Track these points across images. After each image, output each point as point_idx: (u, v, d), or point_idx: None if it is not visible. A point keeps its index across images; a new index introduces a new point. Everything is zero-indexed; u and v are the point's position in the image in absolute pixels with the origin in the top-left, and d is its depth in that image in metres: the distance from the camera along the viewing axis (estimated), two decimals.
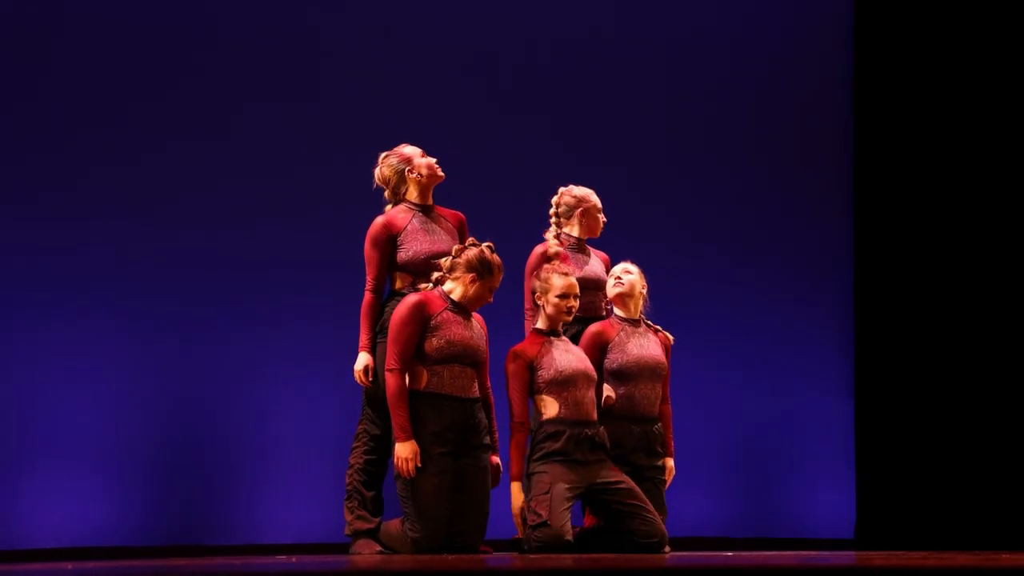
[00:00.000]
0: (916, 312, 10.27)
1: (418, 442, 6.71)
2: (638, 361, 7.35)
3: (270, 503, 8.24)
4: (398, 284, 7.04)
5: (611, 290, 7.39)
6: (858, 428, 10.26)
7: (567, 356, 7.13)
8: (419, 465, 6.71)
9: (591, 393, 7.19)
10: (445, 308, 6.84)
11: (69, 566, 6.25)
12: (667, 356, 7.49)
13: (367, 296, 7.01)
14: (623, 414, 7.32)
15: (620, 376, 7.33)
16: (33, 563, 7.52)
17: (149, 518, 8.42)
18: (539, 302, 7.16)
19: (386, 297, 7.06)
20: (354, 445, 7.04)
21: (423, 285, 6.95)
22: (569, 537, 7.02)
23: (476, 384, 6.97)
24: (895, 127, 10.45)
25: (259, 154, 9.11)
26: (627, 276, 7.40)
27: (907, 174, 10.39)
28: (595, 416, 7.21)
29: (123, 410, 8.58)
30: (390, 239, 7.01)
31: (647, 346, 7.45)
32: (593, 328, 7.32)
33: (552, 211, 7.65)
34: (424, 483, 6.77)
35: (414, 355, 6.79)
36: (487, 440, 7.06)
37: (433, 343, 6.80)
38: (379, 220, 7.08)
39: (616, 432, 7.30)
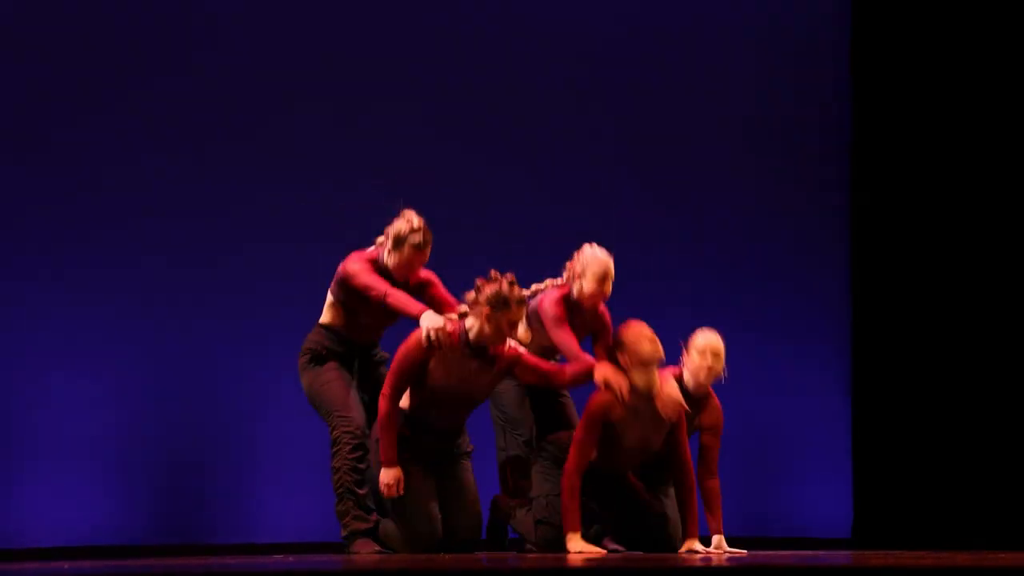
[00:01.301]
0: (913, 310, 10.28)
1: (400, 449, 6.78)
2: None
3: (269, 502, 8.27)
4: (331, 316, 7.17)
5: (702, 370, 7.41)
6: (855, 427, 10.30)
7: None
8: (401, 492, 6.74)
9: None
10: (453, 348, 6.81)
11: (66, 565, 6.29)
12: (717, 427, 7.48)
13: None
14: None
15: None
16: (30, 562, 7.56)
17: (147, 517, 8.48)
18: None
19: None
20: (335, 449, 7.05)
21: (450, 315, 6.91)
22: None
23: (465, 414, 7.00)
24: (893, 125, 10.46)
25: (257, 155, 9.09)
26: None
27: (905, 172, 10.41)
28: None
29: (121, 409, 8.64)
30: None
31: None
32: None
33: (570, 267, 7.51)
34: (406, 491, 6.83)
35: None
36: (468, 449, 7.10)
37: (428, 382, 6.80)
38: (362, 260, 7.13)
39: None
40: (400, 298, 6.86)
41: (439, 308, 6.97)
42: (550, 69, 9.89)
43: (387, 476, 6.74)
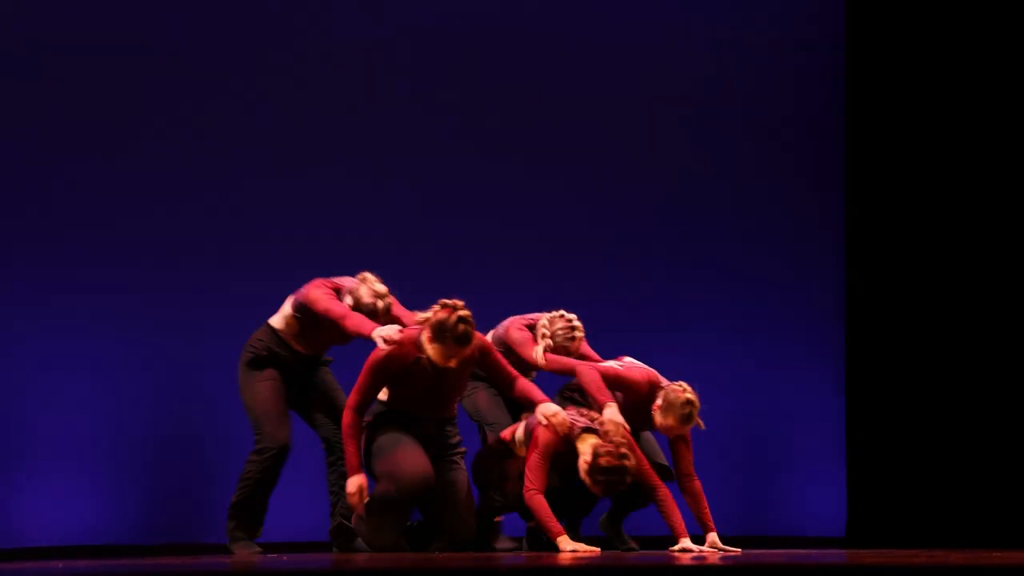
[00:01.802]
0: (907, 309, 10.30)
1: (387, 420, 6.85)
2: None
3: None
4: (285, 324, 7.24)
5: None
6: (849, 426, 10.32)
7: None
8: (366, 499, 6.76)
9: None
10: (415, 361, 6.79)
11: (60, 564, 6.37)
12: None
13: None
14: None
15: None
16: (24, 561, 7.61)
17: (142, 517, 8.51)
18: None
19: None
20: (253, 458, 7.18)
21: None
22: None
23: (446, 406, 6.99)
24: (887, 127, 10.46)
25: (257, 155, 9.10)
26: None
27: (898, 172, 10.42)
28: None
29: (116, 408, 8.65)
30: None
31: None
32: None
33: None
34: (382, 437, 6.85)
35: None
36: (460, 448, 7.09)
37: (393, 393, 6.84)
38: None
39: None
40: (356, 321, 6.89)
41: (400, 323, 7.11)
42: (541, 74, 9.90)
43: (351, 485, 6.74)
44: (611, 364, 7.37)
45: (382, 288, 7.24)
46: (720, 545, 7.26)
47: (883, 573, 5.96)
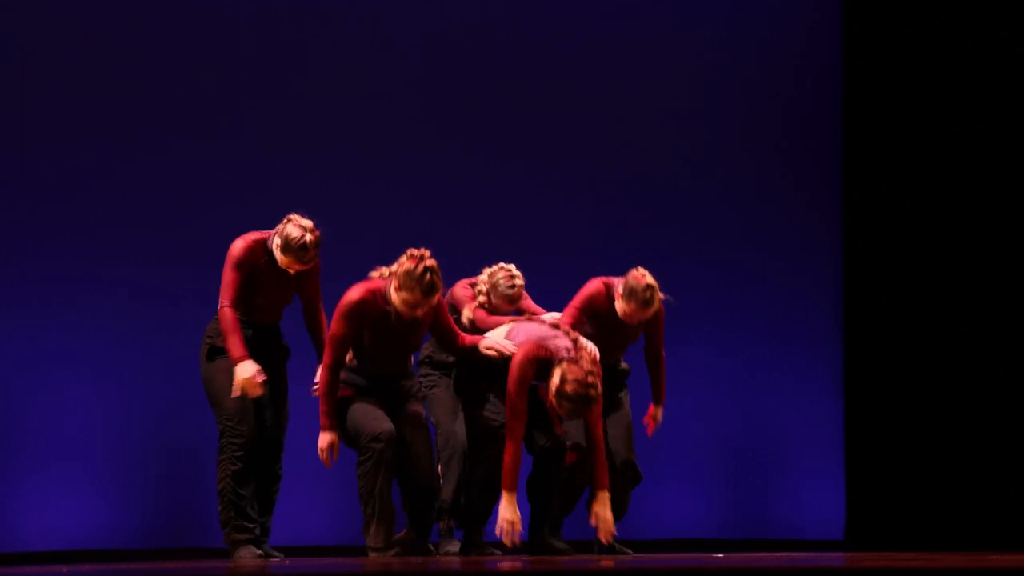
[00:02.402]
0: (905, 313, 10.32)
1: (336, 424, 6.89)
2: None
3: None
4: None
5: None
6: (848, 429, 10.36)
7: None
8: (336, 458, 6.85)
9: None
10: (382, 315, 6.86)
11: (64, 569, 6.39)
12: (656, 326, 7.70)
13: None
14: None
15: None
16: (28, 566, 7.66)
17: (145, 521, 8.50)
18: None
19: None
20: (220, 457, 7.17)
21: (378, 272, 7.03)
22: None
23: (406, 360, 7.07)
24: (884, 127, 10.47)
25: (253, 154, 9.10)
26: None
27: (896, 177, 10.43)
28: None
29: (118, 412, 8.64)
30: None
31: None
32: None
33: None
34: (354, 406, 6.91)
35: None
36: (420, 394, 7.21)
37: (362, 343, 6.88)
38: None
39: None
40: (227, 322, 6.93)
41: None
42: (535, 71, 9.89)
43: (323, 440, 6.82)
44: (553, 314, 7.52)
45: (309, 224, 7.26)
46: (660, 419, 7.66)
47: (889, 575, 5.93)
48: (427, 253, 6.76)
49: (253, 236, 7.13)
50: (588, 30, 10.12)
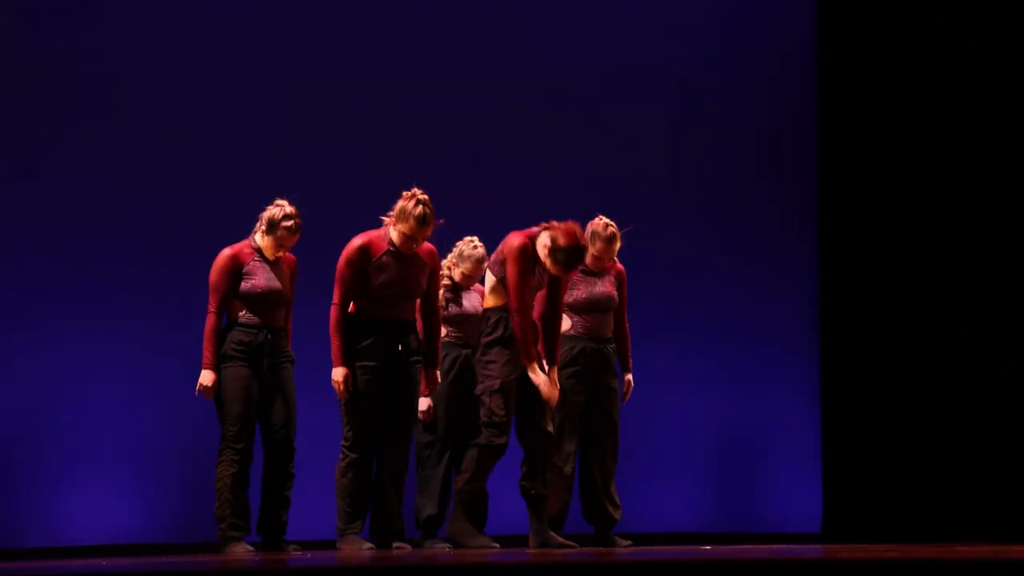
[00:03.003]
0: (877, 318, 10.32)
1: (348, 359, 7.21)
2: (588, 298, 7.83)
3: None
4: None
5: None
6: (824, 430, 10.36)
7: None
8: (351, 388, 7.16)
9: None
10: (385, 251, 7.22)
11: (103, 562, 6.67)
12: (622, 288, 7.91)
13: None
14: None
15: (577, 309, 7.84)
16: (70, 559, 7.65)
17: (178, 517, 8.47)
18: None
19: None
20: (220, 458, 7.35)
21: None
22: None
23: (409, 308, 7.37)
24: (859, 136, 10.44)
25: (247, 159, 9.08)
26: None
27: (869, 185, 10.40)
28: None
29: (155, 414, 8.61)
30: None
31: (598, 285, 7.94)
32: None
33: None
34: (352, 396, 7.22)
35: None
36: (416, 357, 7.41)
37: (371, 282, 7.20)
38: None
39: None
40: (208, 330, 7.29)
41: None
42: (522, 91, 9.84)
43: (337, 374, 7.19)
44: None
45: (291, 208, 7.54)
46: (632, 384, 7.87)
47: (858, 566, 6.02)
48: (419, 190, 7.23)
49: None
50: (569, 46, 10.04)
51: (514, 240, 7.32)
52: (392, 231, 7.25)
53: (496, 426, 7.33)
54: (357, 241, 7.28)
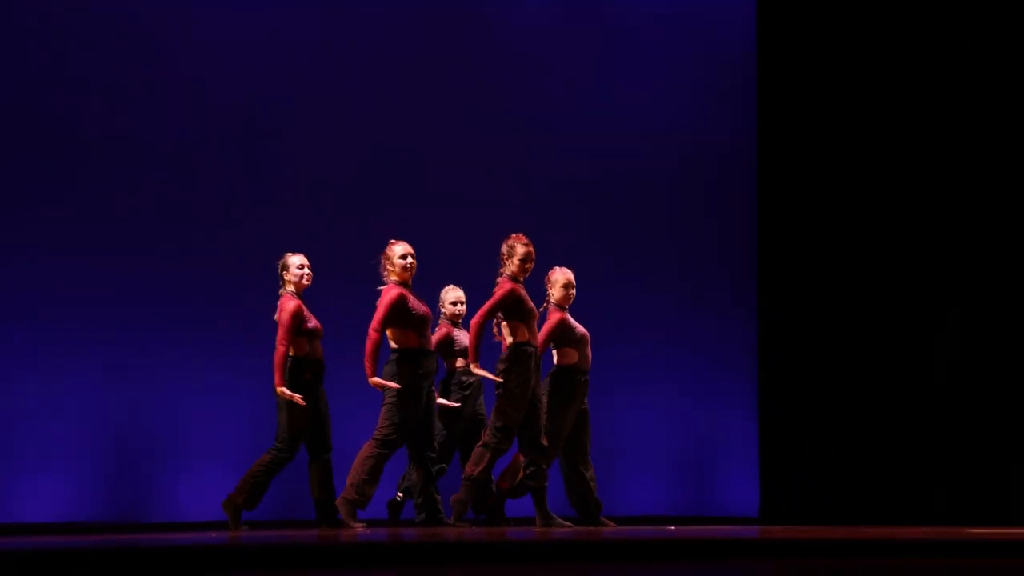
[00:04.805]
0: (810, 352, 10.69)
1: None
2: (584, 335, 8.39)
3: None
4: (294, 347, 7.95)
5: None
6: (761, 440, 10.88)
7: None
8: (393, 385, 7.80)
9: None
10: (408, 293, 7.95)
11: (213, 534, 7.31)
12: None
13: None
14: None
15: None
16: (187, 532, 8.12)
17: (275, 499, 8.53)
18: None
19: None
20: (270, 459, 7.88)
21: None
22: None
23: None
24: (795, 175, 10.71)
25: (233, 191, 9.43)
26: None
27: (805, 226, 10.68)
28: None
29: (248, 410, 8.99)
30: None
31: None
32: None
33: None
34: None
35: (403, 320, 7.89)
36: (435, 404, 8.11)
37: (411, 313, 7.89)
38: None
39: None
40: (278, 362, 7.76)
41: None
42: (489, 160, 10.17)
43: (374, 381, 7.80)
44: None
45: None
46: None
47: (787, 544, 6.67)
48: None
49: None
50: (538, 124, 10.39)
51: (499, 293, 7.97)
52: (392, 275, 7.96)
53: (502, 430, 7.94)
54: (392, 292, 7.85)
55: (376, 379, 7.86)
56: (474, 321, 7.95)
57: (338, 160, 9.83)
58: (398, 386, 7.88)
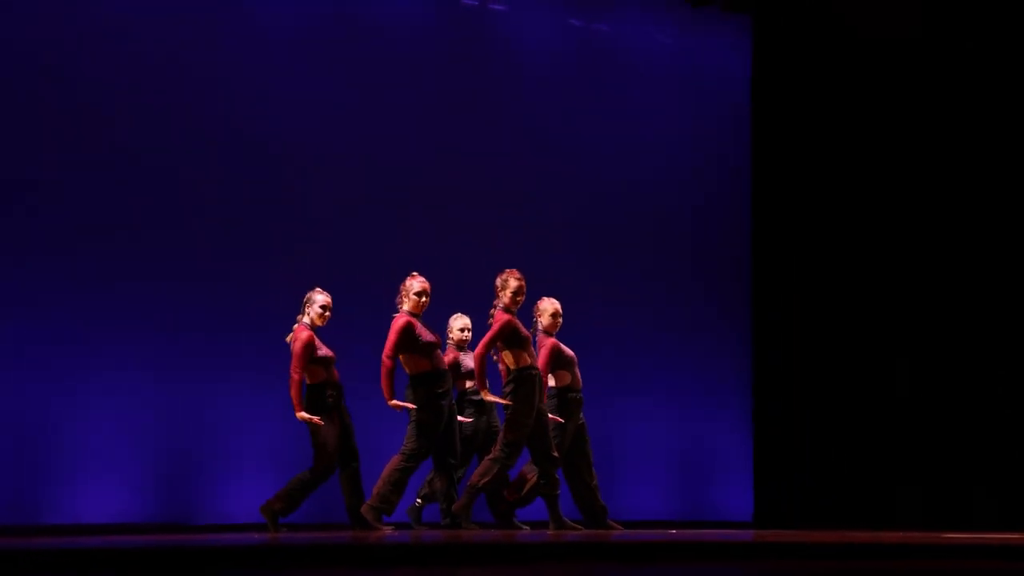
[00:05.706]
0: (806, 356, 10.76)
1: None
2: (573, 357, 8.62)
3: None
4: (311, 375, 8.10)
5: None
6: (755, 448, 10.96)
7: None
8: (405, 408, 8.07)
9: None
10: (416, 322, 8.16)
11: (255, 536, 7.36)
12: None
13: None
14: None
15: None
16: (230, 533, 8.20)
17: (314, 504, 8.51)
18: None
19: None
20: (314, 471, 8.03)
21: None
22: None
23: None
24: (788, 187, 10.73)
25: (237, 202, 9.42)
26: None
27: (794, 257, 10.73)
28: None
29: (285, 421, 8.65)
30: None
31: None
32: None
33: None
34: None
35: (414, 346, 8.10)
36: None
37: (420, 341, 8.08)
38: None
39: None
40: (294, 389, 7.96)
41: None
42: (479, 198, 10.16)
43: (393, 404, 7.99)
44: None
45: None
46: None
47: (779, 546, 6.68)
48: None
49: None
50: (537, 138, 10.37)
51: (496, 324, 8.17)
52: (407, 305, 8.10)
53: (510, 445, 8.18)
54: (400, 320, 8.02)
55: (395, 401, 8.18)
56: (477, 352, 8.27)
57: (360, 186, 9.95)
58: (415, 406, 8.19)
